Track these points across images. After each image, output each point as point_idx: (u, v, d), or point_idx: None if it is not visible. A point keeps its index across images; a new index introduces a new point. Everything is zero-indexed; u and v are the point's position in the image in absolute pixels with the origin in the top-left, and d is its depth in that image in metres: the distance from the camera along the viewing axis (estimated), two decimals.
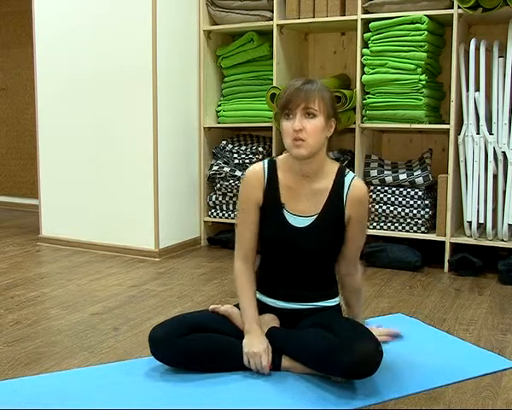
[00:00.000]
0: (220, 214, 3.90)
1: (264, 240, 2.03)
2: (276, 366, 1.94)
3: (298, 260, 1.99)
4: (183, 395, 1.80)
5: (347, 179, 1.96)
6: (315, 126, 1.87)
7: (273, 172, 2.01)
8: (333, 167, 2.00)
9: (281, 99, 1.92)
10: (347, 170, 2.00)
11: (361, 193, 1.96)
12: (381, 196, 3.47)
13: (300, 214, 1.98)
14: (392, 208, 3.44)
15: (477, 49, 3.16)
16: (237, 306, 2.08)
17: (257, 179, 2.01)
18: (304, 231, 1.97)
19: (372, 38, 3.36)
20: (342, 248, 2.01)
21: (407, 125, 3.36)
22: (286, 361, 1.94)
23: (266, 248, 2.06)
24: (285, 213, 1.99)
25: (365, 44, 3.42)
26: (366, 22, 3.41)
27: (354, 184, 1.96)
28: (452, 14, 3.19)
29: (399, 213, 3.42)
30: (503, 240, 3.22)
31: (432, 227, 3.45)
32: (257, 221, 2.02)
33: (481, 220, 3.22)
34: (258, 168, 2.02)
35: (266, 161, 2.05)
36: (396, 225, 3.45)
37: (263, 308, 2.05)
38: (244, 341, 1.94)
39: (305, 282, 2.02)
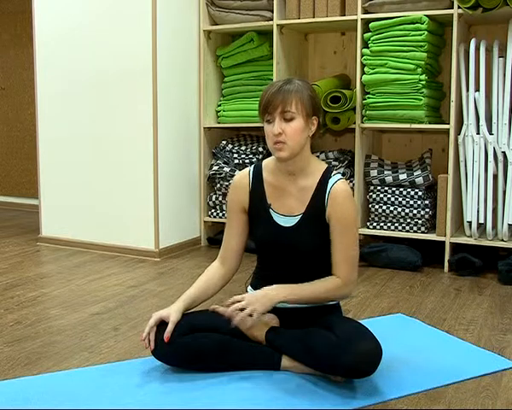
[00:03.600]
0: (220, 214, 3.90)
1: (256, 241, 2.06)
2: (276, 365, 1.94)
3: (290, 259, 2.00)
4: (183, 396, 1.80)
5: (332, 180, 1.96)
6: (294, 129, 1.88)
7: (259, 175, 2.04)
8: (320, 167, 2.00)
9: (260, 102, 1.93)
10: (334, 171, 2.00)
11: (341, 194, 1.93)
12: (381, 196, 3.47)
13: (287, 214, 1.99)
14: (392, 208, 3.44)
15: (477, 49, 3.17)
16: None
17: (241, 184, 2.05)
18: (291, 231, 1.98)
19: (372, 38, 3.37)
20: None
21: (407, 126, 3.36)
22: (286, 361, 1.94)
23: (259, 249, 2.09)
24: (272, 213, 2.00)
25: (365, 44, 3.42)
26: (366, 22, 3.41)
27: (336, 185, 1.94)
28: (452, 14, 3.19)
29: (399, 213, 3.42)
30: (503, 240, 3.22)
31: (432, 227, 3.45)
32: (240, 226, 2.06)
33: (481, 220, 3.22)
34: (244, 174, 2.07)
35: (253, 165, 2.09)
36: (396, 225, 3.45)
37: None
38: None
39: (300, 280, 2.00)
